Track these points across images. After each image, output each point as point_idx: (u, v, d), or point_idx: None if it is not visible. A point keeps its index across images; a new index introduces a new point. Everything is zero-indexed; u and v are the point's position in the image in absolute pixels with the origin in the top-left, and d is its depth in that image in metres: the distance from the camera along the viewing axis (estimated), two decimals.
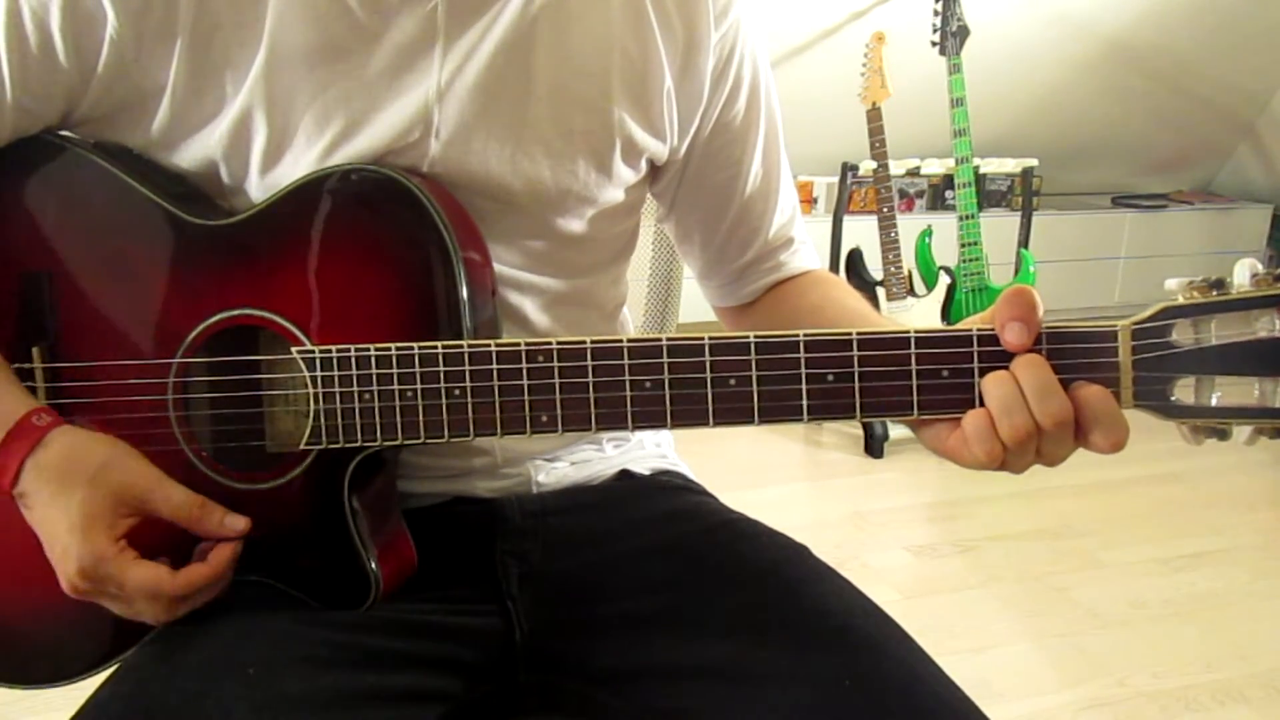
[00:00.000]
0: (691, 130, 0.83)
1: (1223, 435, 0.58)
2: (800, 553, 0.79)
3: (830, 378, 0.62)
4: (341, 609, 0.71)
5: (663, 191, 0.88)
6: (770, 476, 2.70)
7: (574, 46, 0.75)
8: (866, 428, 2.80)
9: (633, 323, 0.96)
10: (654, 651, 0.72)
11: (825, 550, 0.79)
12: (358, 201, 0.69)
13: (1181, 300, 0.58)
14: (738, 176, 0.87)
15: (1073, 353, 0.59)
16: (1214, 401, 0.58)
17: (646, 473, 0.89)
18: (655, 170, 0.85)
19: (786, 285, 0.92)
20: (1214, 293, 0.57)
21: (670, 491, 0.88)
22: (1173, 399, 0.58)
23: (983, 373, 0.61)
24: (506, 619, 0.77)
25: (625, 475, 0.88)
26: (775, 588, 0.74)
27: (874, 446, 2.78)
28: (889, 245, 2.72)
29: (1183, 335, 0.58)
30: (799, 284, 0.92)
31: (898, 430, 2.78)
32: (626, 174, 0.81)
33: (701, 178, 0.87)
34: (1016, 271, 2.91)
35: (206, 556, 0.68)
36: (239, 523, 0.69)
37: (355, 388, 0.66)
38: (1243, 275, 0.57)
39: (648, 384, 0.63)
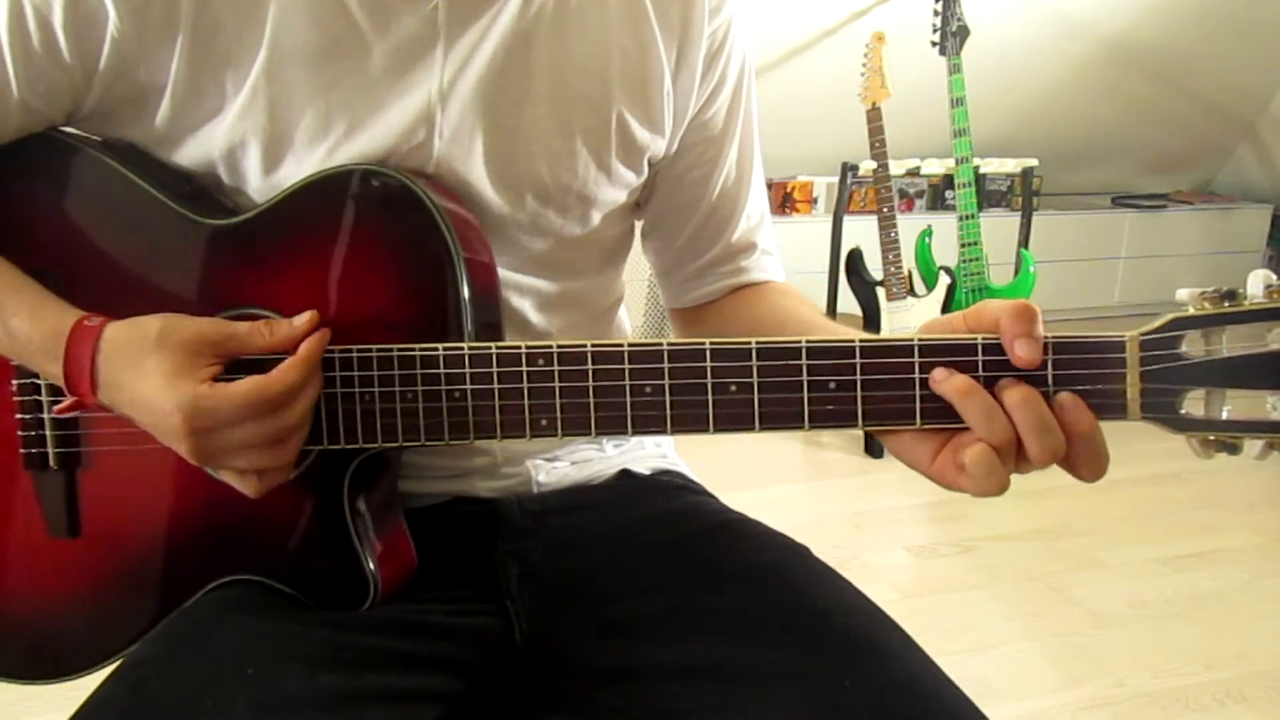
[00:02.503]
0: (684, 124, 0.83)
1: (1233, 449, 0.57)
2: (800, 553, 0.79)
3: (832, 385, 0.61)
4: (341, 609, 0.71)
5: (643, 186, 0.88)
6: (770, 476, 2.70)
7: (573, 44, 0.75)
8: None
9: (630, 324, 0.96)
10: (654, 651, 0.72)
11: (825, 550, 0.79)
12: (361, 202, 0.69)
13: (1192, 311, 0.56)
14: (712, 174, 0.86)
15: (1080, 363, 0.58)
16: (1224, 415, 0.56)
17: (647, 473, 0.89)
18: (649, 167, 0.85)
19: (742, 293, 0.90)
20: (1226, 304, 0.55)
21: (670, 491, 0.88)
22: (1182, 411, 0.57)
23: (987, 382, 0.59)
24: (506, 619, 0.77)
25: (626, 475, 0.88)
26: (775, 588, 0.74)
27: (874, 446, 2.78)
28: (889, 245, 2.72)
29: (1193, 347, 0.56)
30: (755, 292, 0.90)
31: None
32: (627, 174, 0.81)
33: (678, 173, 0.86)
34: (1016, 272, 2.91)
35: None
36: (304, 316, 0.67)
37: (356, 389, 0.66)
38: (1256, 286, 0.55)
39: (648, 389, 0.63)
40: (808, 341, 0.61)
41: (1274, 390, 0.55)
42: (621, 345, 0.63)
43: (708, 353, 0.62)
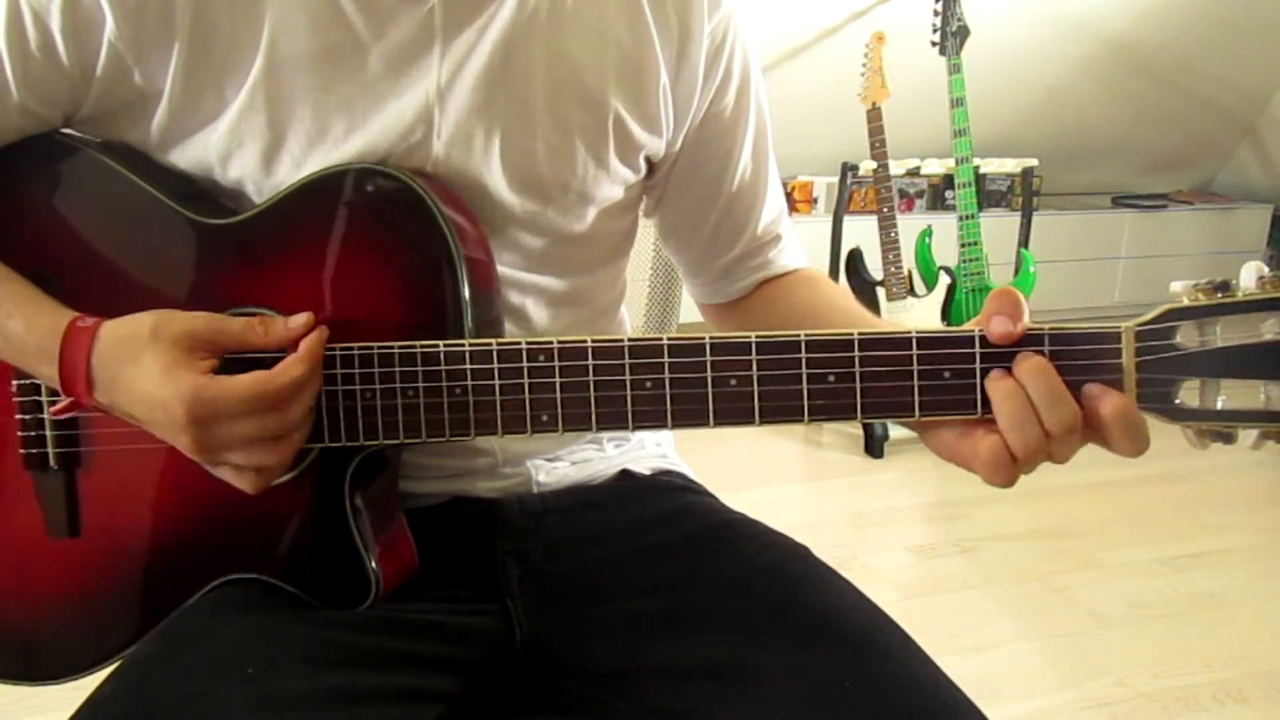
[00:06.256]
0: (687, 124, 0.83)
1: (1228, 439, 0.58)
2: (800, 553, 0.79)
3: (831, 378, 0.62)
4: (342, 608, 0.71)
5: (654, 185, 0.88)
6: (770, 476, 2.70)
7: (570, 43, 0.75)
8: (867, 428, 2.80)
9: (631, 323, 0.96)
10: (654, 651, 0.72)
11: (825, 550, 0.79)
12: (361, 201, 0.69)
13: (1186, 302, 0.57)
14: (726, 169, 0.87)
15: (1076, 354, 0.59)
16: (1219, 405, 0.57)
17: (647, 473, 0.89)
18: (651, 166, 0.86)
19: (775, 284, 0.92)
20: (1219, 295, 0.56)
21: (670, 491, 0.88)
22: (1177, 402, 0.58)
23: (984, 374, 0.60)
24: (506, 619, 0.77)
25: (626, 475, 0.88)
26: (775, 588, 0.74)
27: (874, 447, 2.78)
28: (889, 245, 2.72)
29: (1187, 337, 0.57)
30: (788, 282, 0.92)
31: (898, 430, 2.78)
32: (625, 172, 0.81)
33: (691, 170, 0.86)
34: (1016, 271, 2.91)
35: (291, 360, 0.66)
36: (301, 318, 0.67)
37: (358, 386, 0.66)
38: (1249, 278, 0.56)
39: (648, 383, 0.63)
40: (806, 335, 0.62)
41: (1268, 380, 0.56)
42: (621, 341, 0.63)
43: (708, 347, 0.62)
